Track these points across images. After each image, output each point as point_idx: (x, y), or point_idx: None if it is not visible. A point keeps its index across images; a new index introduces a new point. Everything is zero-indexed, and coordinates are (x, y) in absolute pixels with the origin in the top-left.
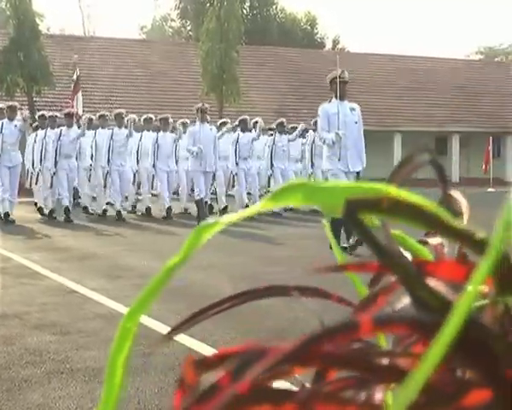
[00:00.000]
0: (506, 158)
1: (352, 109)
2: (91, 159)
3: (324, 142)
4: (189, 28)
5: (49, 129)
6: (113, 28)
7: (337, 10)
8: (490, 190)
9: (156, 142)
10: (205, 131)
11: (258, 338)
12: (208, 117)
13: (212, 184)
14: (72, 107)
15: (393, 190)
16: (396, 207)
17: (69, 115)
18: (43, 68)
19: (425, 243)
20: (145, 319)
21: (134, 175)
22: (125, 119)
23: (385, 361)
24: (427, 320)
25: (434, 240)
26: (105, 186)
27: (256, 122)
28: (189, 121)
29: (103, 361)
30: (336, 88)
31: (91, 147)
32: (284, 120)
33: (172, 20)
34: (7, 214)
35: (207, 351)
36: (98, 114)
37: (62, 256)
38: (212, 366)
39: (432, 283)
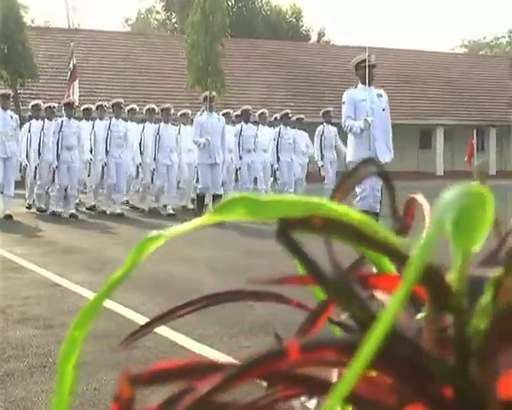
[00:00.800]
0: (490, 151)
1: (380, 96)
2: (90, 152)
3: (351, 130)
4: (174, 21)
5: (46, 120)
6: (98, 20)
7: (322, 3)
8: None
9: (157, 133)
10: (213, 121)
11: (241, 333)
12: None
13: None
14: (69, 96)
15: (327, 208)
16: (326, 225)
17: (69, 105)
18: (27, 61)
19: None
20: (128, 313)
21: (137, 168)
22: (125, 109)
23: (325, 375)
24: (355, 341)
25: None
26: (102, 178)
27: (262, 113)
28: (190, 112)
29: (86, 355)
30: (364, 73)
31: (90, 140)
32: (289, 111)
33: (157, 12)
34: (8, 216)
35: (191, 345)
36: (96, 104)
37: (47, 250)
38: (148, 382)
39: (365, 296)
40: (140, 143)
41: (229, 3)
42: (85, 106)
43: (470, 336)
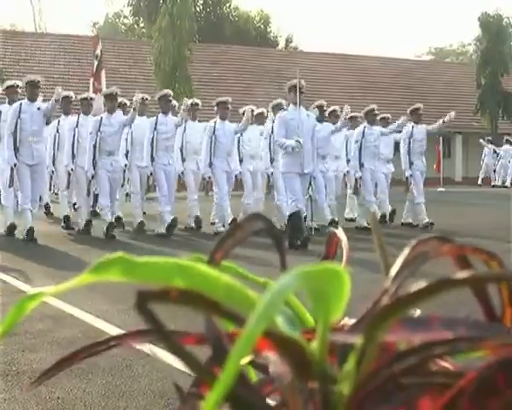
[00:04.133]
0: (456, 158)
1: (308, 115)
2: (126, 157)
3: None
4: (142, 25)
5: (81, 116)
6: (65, 24)
7: (290, 10)
8: (440, 189)
9: (214, 133)
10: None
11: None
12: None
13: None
14: (97, 88)
15: (196, 273)
16: (181, 297)
17: (112, 97)
18: None
19: None
20: (93, 320)
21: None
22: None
23: None
24: None
25: None
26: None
27: (334, 110)
28: (255, 108)
29: (50, 363)
30: (295, 96)
31: (126, 140)
32: (375, 106)
33: (125, 17)
34: (30, 231)
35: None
36: (135, 98)
37: (9, 256)
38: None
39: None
40: (182, 148)
41: (197, 9)
42: (142, 95)
43: (335, 401)
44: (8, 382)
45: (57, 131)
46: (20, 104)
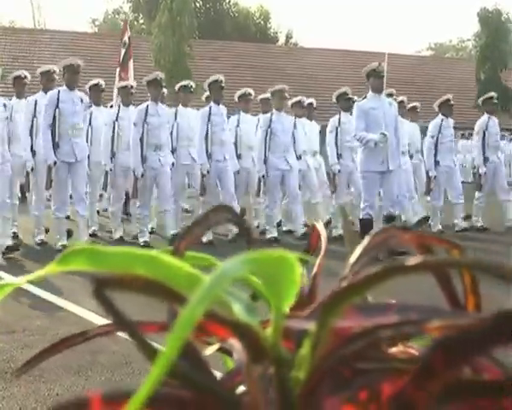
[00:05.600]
0: None
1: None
2: (173, 153)
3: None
4: (141, 22)
5: (121, 106)
6: (65, 21)
7: (290, 5)
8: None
9: (269, 126)
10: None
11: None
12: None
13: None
14: (123, 80)
15: (159, 263)
16: (138, 284)
17: (156, 83)
18: None
19: None
20: (92, 317)
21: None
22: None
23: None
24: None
25: None
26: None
27: (402, 102)
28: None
29: (49, 361)
30: (375, 82)
31: (171, 134)
32: (450, 96)
33: (125, 13)
34: (69, 233)
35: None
36: (179, 85)
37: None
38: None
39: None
40: (236, 143)
41: (197, 5)
42: (184, 83)
43: (291, 385)
44: (6, 379)
45: (90, 124)
46: (58, 92)
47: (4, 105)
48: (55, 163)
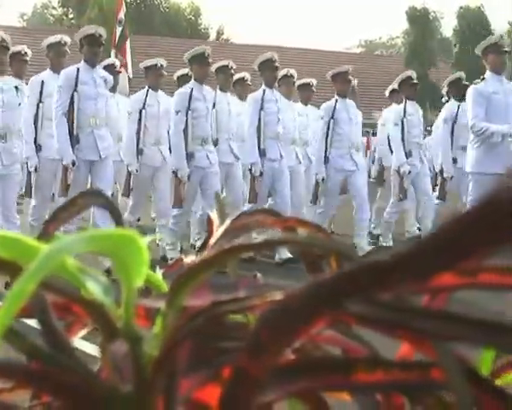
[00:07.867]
0: None
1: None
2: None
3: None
4: (71, 16)
5: (150, 91)
6: None
7: (220, 2)
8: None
9: (332, 117)
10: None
11: None
12: None
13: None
14: (120, 63)
15: (35, 249)
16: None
17: (203, 58)
18: None
19: None
20: None
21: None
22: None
23: None
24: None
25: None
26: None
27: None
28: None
29: None
30: (494, 59)
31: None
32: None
33: (54, 8)
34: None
35: None
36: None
37: None
38: None
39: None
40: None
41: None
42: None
43: (144, 363)
44: None
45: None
46: (78, 70)
47: (16, 88)
48: (73, 163)
